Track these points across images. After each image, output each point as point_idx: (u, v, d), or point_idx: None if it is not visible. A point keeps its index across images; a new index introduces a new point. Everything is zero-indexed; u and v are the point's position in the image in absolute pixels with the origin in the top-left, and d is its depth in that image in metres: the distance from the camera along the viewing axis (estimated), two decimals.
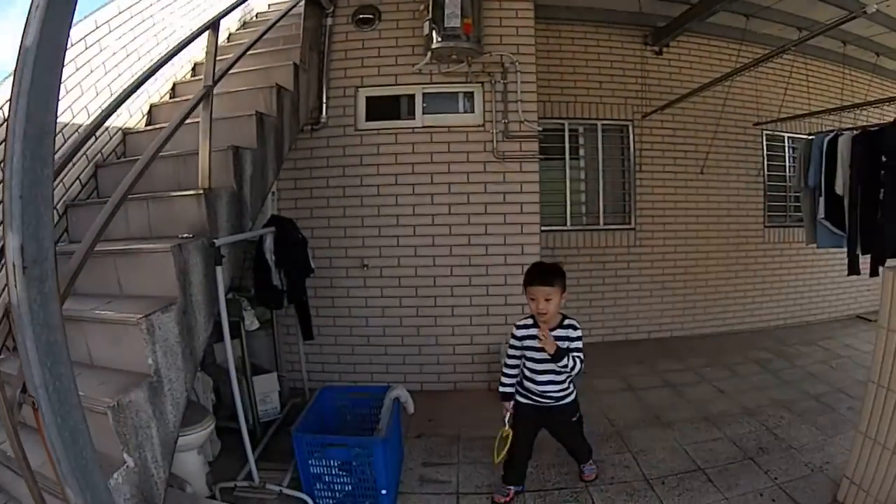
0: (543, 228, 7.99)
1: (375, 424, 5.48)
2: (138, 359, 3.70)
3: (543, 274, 4.73)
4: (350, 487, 4.99)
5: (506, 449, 4.94)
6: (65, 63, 5.22)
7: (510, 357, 5.04)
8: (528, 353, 4.89)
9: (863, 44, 10.17)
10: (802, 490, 4.95)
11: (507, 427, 4.99)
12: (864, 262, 7.19)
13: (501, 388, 5.09)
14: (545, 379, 4.88)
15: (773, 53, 7.43)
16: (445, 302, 7.79)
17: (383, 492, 4.89)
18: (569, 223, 10.10)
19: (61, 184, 5.37)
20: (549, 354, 4.61)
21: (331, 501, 5.04)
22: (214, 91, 4.84)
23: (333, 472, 4.99)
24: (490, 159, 7.61)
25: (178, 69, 7.44)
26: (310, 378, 7.63)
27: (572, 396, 5.08)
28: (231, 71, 5.35)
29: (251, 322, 6.20)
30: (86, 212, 5.29)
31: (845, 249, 7.34)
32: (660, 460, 5.70)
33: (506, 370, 5.07)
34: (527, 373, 4.96)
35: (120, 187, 3.48)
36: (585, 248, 10.08)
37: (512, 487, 5.09)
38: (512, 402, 5.05)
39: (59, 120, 4.89)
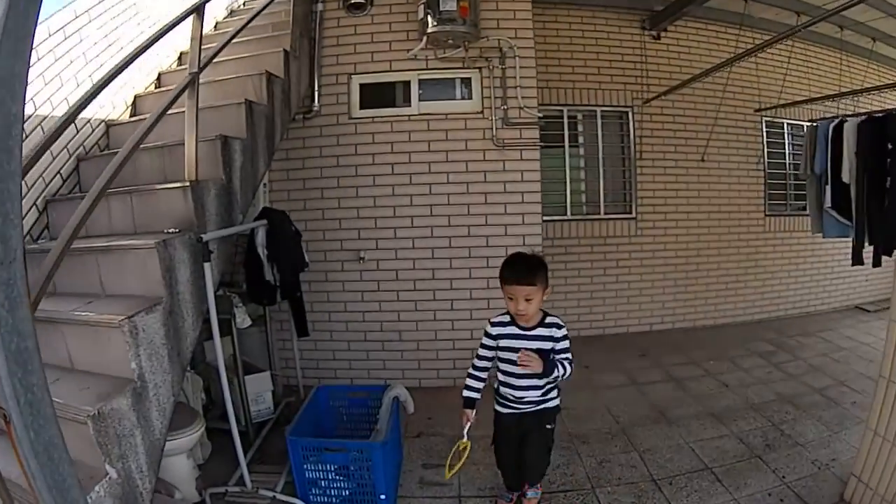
0: (543, 218, 7.81)
1: (374, 424, 5.35)
2: (121, 363, 3.51)
3: (524, 270, 4.16)
4: (347, 493, 4.83)
5: (461, 462, 4.36)
6: (43, 54, 5.10)
7: (480, 358, 4.50)
8: (504, 355, 4.34)
9: (859, 29, 10.05)
10: (810, 489, 4.85)
11: (464, 439, 4.42)
12: (867, 252, 7.07)
13: (466, 393, 4.49)
14: (525, 383, 4.34)
15: (776, 39, 7.32)
16: (445, 295, 7.62)
17: (382, 497, 4.73)
18: (569, 213, 9.96)
19: (41, 178, 5.21)
20: (538, 372, 4.15)
21: None
22: (202, 80, 4.69)
23: (330, 477, 4.82)
24: (489, 147, 7.42)
25: (164, 59, 7.24)
26: (304, 375, 7.52)
27: (556, 402, 4.56)
28: (219, 59, 5.34)
29: (242, 319, 6.00)
30: (67, 207, 5.08)
31: (849, 239, 7.26)
32: (667, 459, 5.56)
33: (473, 372, 4.51)
34: (502, 377, 4.44)
35: (97, 182, 3.35)
36: (586, 238, 9.95)
37: (515, 492, 4.83)
38: (474, 411, 4.47)
39: (37, 113, 4.87)
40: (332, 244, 7.67)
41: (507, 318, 4.39)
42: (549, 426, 4.56)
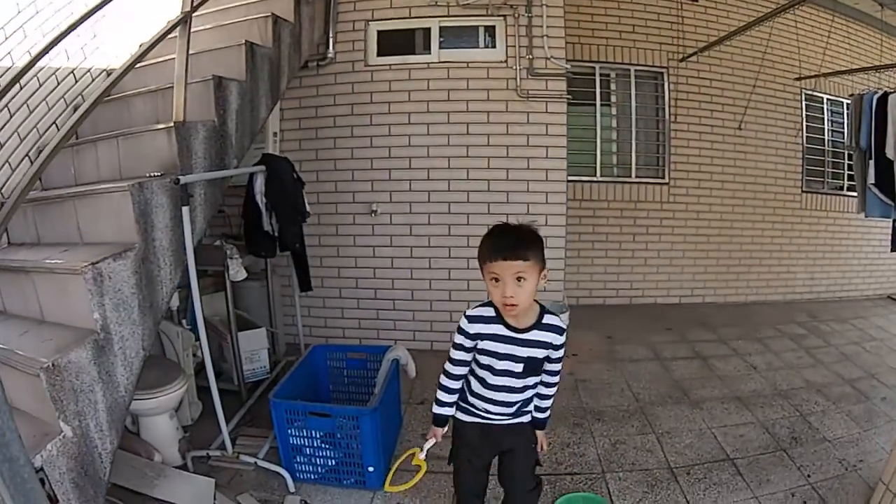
0: (571, 178, 7.66)
1: (374, 388, 5.10)
2: (84, 313, 3.32)
3: (515, 242, 2.92)
4: (333, 462, 4.57)
5: (412, 483, 3.39)
6: (42, 6, 4.96)
7: (455, 363, 3.26)
8: (483, 359, 3.18)
9: None
10: (836, 492, 4.53)
11: (421, 456, 3.41)
12: None
13: (437, 409, 3.42)
14: (500, 398, 3.25)
15: None
16: (460, 253, 7.31)
17: (370, 469, 4.45)
18: (598, 174, 9.73)
19: (35, 130, 5.02)
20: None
21: (312, 476, 4.64)
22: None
23: (316, 444, 4.56)
24: (513, 98, 7.08)
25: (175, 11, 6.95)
26: (312, 334, 7.40)
27: (529, 416, 3.44)
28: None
29: (236, 271, 5.71)
30: (59, 157, 4.82)
31: (890, 220, 7.10)
32: (686, 445, 5.26)
33: (445, 382, 3.34)
34: (474, 384, 3.29)
35: (57, 135, 3.40)
36: (616, 202, 9.71)
37: None
38: (445, 429, 3.46)
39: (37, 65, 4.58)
40: (343, 196, 7.42)
41: (490, 313, 3.13)
42: (534, 445, 3.54)
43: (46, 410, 3.00)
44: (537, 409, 3.41)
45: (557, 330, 3.14)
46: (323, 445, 4.53)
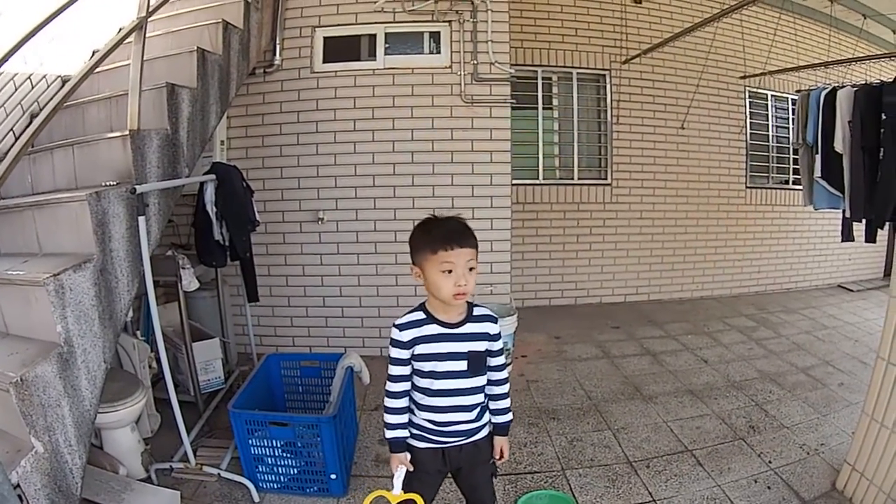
0: (514, 182, 7.67)
1: (328, 396, 5.12)
2: (47, 325, 3.29)
3: (462, 231, 2.89)
4: (296, 471, 4.55)
5: None
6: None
7: (395, 379, 3.03)
8: (422, 365, 2.98)
9: (849, 3, 9.84)
10: (799, 476, 4.63)
11: (396, 492, 2.94)
12: (857, 229, 7.04)
13: (390, 434, 3.06)
14: (452, 403, 3.02)
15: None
16: (407, 259, 7.11)
17: (332, 476, 4.43)
18: (541, 177, 9.81)
19: None
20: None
21: (275, 486, 4.60)
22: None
23: (277, 454, 4.53)
24: (457, 103, 7.14)
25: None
26: (262, 343, 7.32)
27: (488, 429, 3.23)
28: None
29: (189, 282, 5.62)
30: (17, 165, 4.77)
31: (839, 211, 7.20)
32: (643, 439, 5.32)
33: (389, 402, 3.06)
34: (419, 398, 3.07)
35: (19, 142, 3.38)
36: (559, 204, 9.80)
37: None
38: (407, 454, 3.08)
39: None
40: (290, 204, 7.41)
41: (420, 316, 3.01)
42: (491, 459, 3.28)
43: (17, 426, 2.98)
44: (494, 412, 3.22)
45: (491, 318, 3.09)
46: (284, 454, 4.52)
